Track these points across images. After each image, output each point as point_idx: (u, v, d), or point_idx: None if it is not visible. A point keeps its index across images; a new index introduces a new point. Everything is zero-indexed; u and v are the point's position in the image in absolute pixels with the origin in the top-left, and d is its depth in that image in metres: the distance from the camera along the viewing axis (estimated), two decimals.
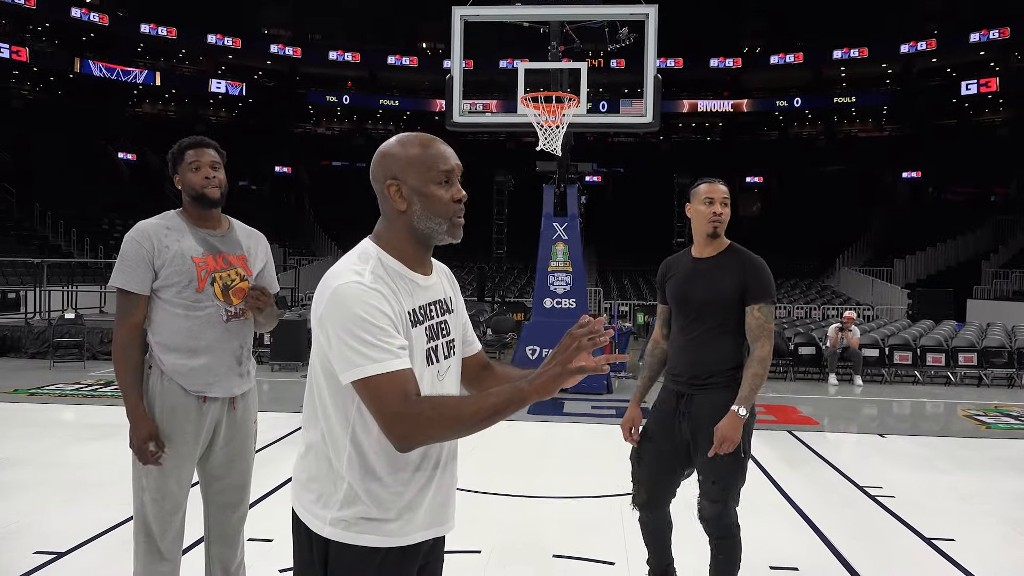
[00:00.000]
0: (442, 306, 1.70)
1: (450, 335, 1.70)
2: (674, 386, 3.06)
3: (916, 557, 4.13)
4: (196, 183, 2.65)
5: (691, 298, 3.02)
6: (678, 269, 3.14)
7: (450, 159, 1.63)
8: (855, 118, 42.69)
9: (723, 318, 2.96)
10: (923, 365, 11.61)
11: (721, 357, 2.97)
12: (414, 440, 1.49)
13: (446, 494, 1.68)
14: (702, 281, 3.00)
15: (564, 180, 11.26)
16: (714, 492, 2.95)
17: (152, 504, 2.59)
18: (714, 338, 2.97)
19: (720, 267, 3.01)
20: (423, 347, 1.61)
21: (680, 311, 3.07)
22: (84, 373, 10.61)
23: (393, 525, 1.57)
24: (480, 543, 4.11)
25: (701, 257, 3.08)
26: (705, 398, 2.95)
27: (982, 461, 6.54)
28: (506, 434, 7.26)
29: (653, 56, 9.96)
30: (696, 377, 2.98)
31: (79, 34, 36.36)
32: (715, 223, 3.03)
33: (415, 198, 1.61)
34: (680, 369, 3.04)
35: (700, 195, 3.08)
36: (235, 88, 41.07)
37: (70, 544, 3.98)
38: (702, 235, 3.07)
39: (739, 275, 2.96)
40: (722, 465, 2.89)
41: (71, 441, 6.68)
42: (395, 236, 1.64)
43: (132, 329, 2.59)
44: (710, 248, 3.08)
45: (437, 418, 1.46)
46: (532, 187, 13.08)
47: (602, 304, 23.41)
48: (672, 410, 3.04)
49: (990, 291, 24.72)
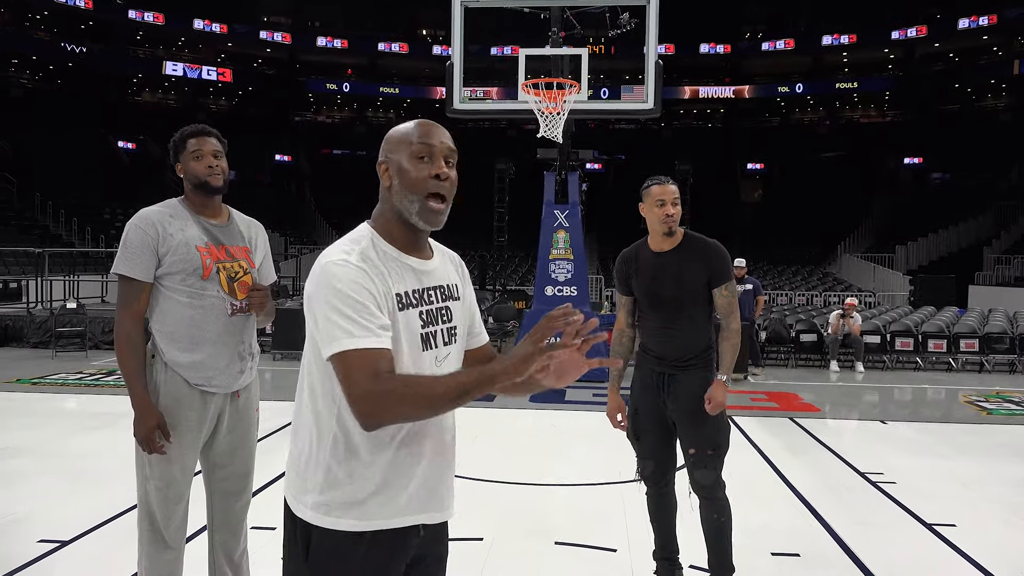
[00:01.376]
0: (444, 292, 1.68)
1: (452, 322, 1.68)
2: (656, 367, 3.26)
3: (918, 543, 4.14)
4: (199, 171, 2.64)
5: (662, 292, 3.21)
6: (640, 264, 3.29)
7: (435, 136, 1.62)
8: (857, 104, 42.49)
9: (694, 305, 3.21)
10: (924, 351, 11.61)
11: (698, 340, 3.23)
12: (380, 418, 1.46)
13: (437, 479, 1.64)
14: (669, 274, 3.19)
15: (565, 167, 11.23)
16: (711, 459, 3.20)
17: (156, 492, 2.59)
18: (691, 324, 3.22)
19: (684, 259, 3.20)
20: (418, 331, 1.59)
21: (652, 304, 3.25)
22: (86, 362, 10.63)
23: (373, 505, 1.55)
24: (482, 530, 4.12)
25: (662, 251, 3.25)
26: (686, 377, 3.20)
27: (983, 447, 6.55)
28: (508, 422, 7.28)
29: (654, 41, 9.90)
30: (679, 360, 3.22)
31: (78, 21, 36.21)
32: (668, 223, 3.19)
33: (396, 174, 1.61)
34: (662, 353, 3.25)
35: (652, 196, 3.22)
36: (234, 76, 40.93)
37: (74, 533, 4.00)
38: (658, 234, 3.25)
39: (703, 263, 3.19)
40: (716, 433, 3.19)
41: (74, 430, 6.70)
42: (385, 217, 1.65)
43: (135, 317, 2.58)
44: (668, 242, 3.25)
45: (408, 396, 1.44)
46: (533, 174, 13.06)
47: (603, 292, 23.40)
48: (653, 391, 3.27)
49: (992, 277, 24.69)
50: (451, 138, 1.66)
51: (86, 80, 36.67)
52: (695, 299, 3.20)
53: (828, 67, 41.62)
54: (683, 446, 3.27)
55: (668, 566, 3.41)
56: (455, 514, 1.71)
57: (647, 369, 3.30)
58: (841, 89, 41.44)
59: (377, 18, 41.61)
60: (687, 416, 3.19)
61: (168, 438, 2.55)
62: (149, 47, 39.39)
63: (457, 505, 1.73)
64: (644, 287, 3.26)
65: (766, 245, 30.81)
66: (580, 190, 11.31)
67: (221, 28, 39.61)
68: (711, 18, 40.05)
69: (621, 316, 3.42)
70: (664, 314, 3.22)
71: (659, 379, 3.25)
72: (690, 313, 3.20)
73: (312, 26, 42.36)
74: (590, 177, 32.95)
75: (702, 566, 3.67)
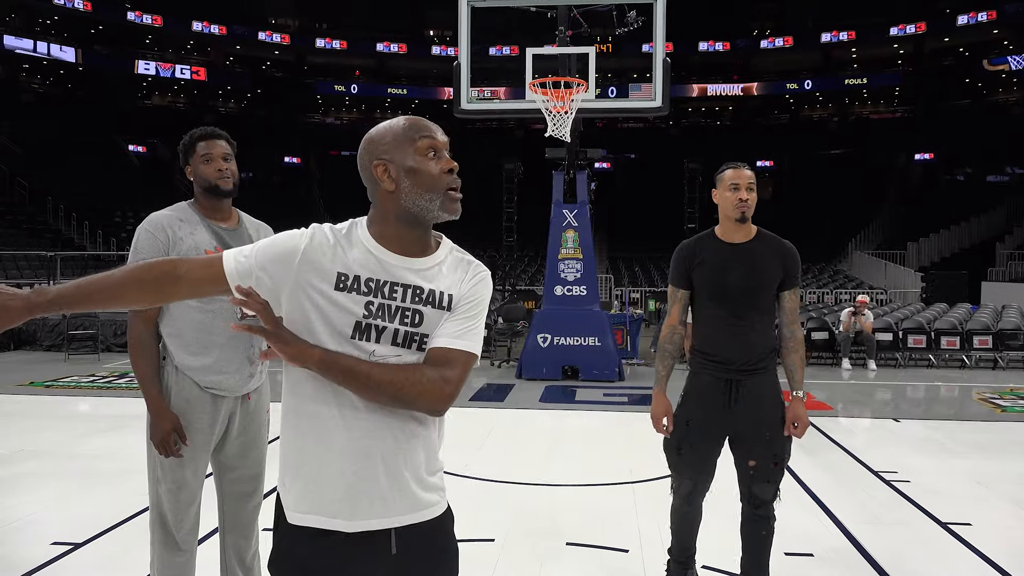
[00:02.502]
0: (420, 295, 1.55)
1: (420, 327, 1.54)
2: (723, 374, 3.00)
3: (932, 542, 4.11)
4: (209, 175, 2.64)
5: (733, 284, 2.97)
6: (707, 254, 3.04)
7: (436, 132, 1.59)
8: (866, 100, 42.29)
9: (765, 302, 3.02)
10: (937, 349, 11.53)
11: (766, 341, 3.03)
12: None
13: (394, 479, 1.52)
14: (742, 266, 2.98)
15: (573, 166, 11.20)
16: (774, 472, 3.02)
17: (168, 495, 2.59)
18: (760, 323, 3.01)
19: (758, 253, 3.00)
20: (351, 318, 1.50)
21: (718, 298, 3.01)
22: (99, 365, 10.68)
23: (327, 503, 1.51)
24: (493, 531, 4.11)
25: (734, 243, 3.03)
26: (755, 383, 2.99)
27: (998, 444, 6.50)
28: (518, 422, 7.27)
29: (662, 39, 9.87)
30: (748, 363, 2.98)
31: (88, 26, 36.46)
32: (742, 208, 2.98)
33: (403, 175, 1.55)
34: (727, 356, 2.99)
35: (725, 181, 3.04)
36: (243, 79, 41.10)
37: (87, 535, 4.02)
38: (730, 220, 3.03)
39: (779, 260, 3.01)
40: (783, 445, 3.02)
41: (87, 433, 6.74)
42: (383, 220, 1.58)
43: (147, 322, 2.58)
44: (740, 233, 3.04)
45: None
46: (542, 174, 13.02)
47: (612, 291, 23.37)
48: (719, 399, 3.00)
49: (1005, 273, 24.49)
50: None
51: (96, 84, 36.91)
52: (766, 296, 3.00)
53: (837, 63, 41.44)
54: (742, 458, 3.04)
55: (681, 569, 3.31)
56: (421, 516, 1.57)
57: (709, 376, 3.03)
58: (850, 85, 41.26)
59: (384, 19, 41.69)
60: (756, 426, 2.98)
61: (185, 441, 2.55)
62: (158, 50, 39.59)
63: (466, 506, 1.70)
64: (711, 278, 3.01)
65: None
66: (589, 189, 11.27)
67: (221, 30, 39.76)
68: (719, 15, 39.95)
69: (675, 311, 3.14)
70: (731, 310, 2.97)
71: (726, 386, 2.99)
72: (760, 310, 3.00)
73: (319, 28, 42.50)
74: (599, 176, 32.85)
75: (713, 566, 3.66)
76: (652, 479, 5.18)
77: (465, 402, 7.94)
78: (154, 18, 37.75)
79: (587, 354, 10.02)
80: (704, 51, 41.36)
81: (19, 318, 1.52)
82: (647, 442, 6.44)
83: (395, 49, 42.39)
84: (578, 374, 9.97)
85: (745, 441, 3.02)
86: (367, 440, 1.51)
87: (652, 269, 29.02)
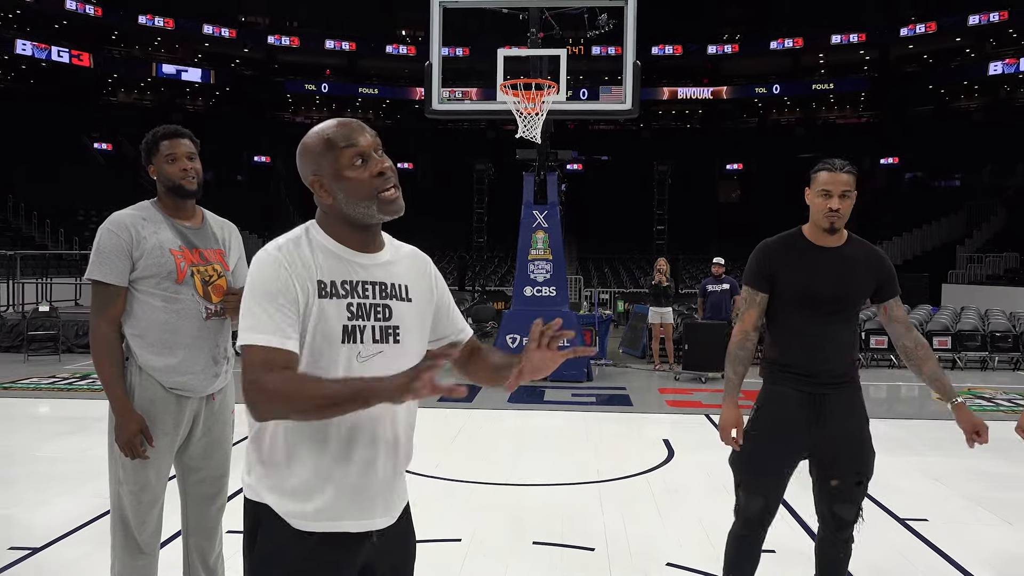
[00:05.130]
0: (385, 289, 1.63)
1: (391, 320, 1.61)
2: (806, 387, 2.77)
3: (891, 538, 4.20)
4: (173, 175, 2.60)
5: (823, 290, 2.73)
6: (793, 257, 2.80)
7: (358, 137, 1.59)
8: (833, 105, 43.00)
9: (853, 312, 2.83)
10: None
11: (851, 352, 2.88)
12: (259, 410, 1.47)
13: (386, 483, 1.62)
14: (834, 271, 2.74)
15: (544, 168, 11.25)
16: (858, 492, 2.84)
17: (130, 497, 2.56)
18: (847, 333, 2.84)
19: (851, 259, 2.77)
20: (339, 323, 1.55)
21: (805, 303, 2.76)
22: (59, 366, 10.49)
23: (316, 505, 1.55)
24: (460, 531, 4.11)
25: (825, 247, 2.78)
26: (841, 396, 2.78)
27: (955, 442, 6.59)
28: (486, 423, 7.28)
29: (632, 43, 9.97)
30: (835, 376, 2.77)
31: (51, 21, 35.76)
32: (831, 219, 2.70)
33: (335, 187, 1.58)
34: (813, 369, 2.76)
35: (818, 184, 2.73)
36: (211, 76, 40.60)
37: (46, 539, 3.95)
38: (818, 227, 2.77)
39: (873, 269, 2.79)
40: (867, 463, 2.82)
41: (47, 435, 6.62)
42: (331, 223, 1.63)
43: (111, 322, 2.55)
44: (831, 238, 2.78)
45: (278, 393, 1.44)
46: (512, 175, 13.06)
47: (582, 292, 23.48)
48: (802, 413, 2.77)
49: (965, 275, 25.07)
50: (368, 126, 1.65)
51: (60, 80, 36.21)
52: (855, 305, 2.80)
53: (805, 68, 42.08)
54: (822, 476, 2.84)
55: None
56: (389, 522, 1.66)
57: (789, 389, 2.80)
58: (817, 90, 41.92)
59: (357, 18, 41.45)
60: (841, 443, 2.77)
61: (151, 442, 2.53)
62: (125, 47, 38.97)
63: (434, 506, 1.73)
64: (799, 282, 2.75)
65: (744, 245, 30.90)
66: (559, 191, 11.32)
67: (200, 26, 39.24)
68: (696, 19, 40.37)
69: (752, 315, 2.87)
70: (818, 317, 2.74)
71: (809, 400, 2.76)
72: (848, 319, 2.81)
73: (291, 26, 42.12)
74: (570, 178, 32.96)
75: (684, 565, 3.70)
76: (618, 478, 5.23)
77: (433, 402, 7.93)
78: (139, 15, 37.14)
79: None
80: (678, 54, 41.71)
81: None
82: (615, 442, 6.50)
83: (367, 49, 42.13)
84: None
85: (827, 459, 2.80)
86: (365, 442, 1.59)
87: (621, 270, 29.23)
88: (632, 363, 11.80)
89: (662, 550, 3.92)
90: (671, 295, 11.24)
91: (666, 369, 10.84)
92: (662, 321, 10.98)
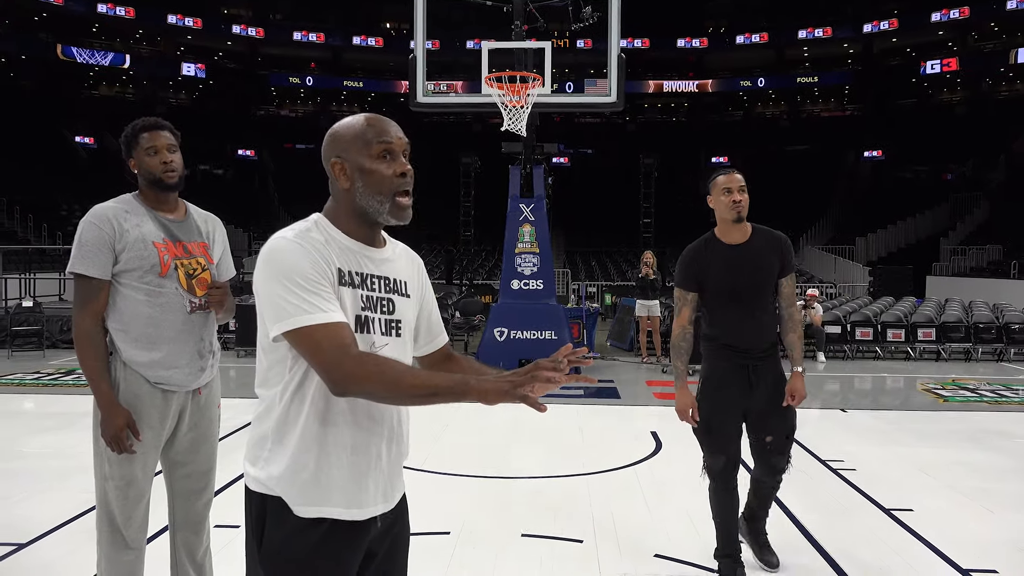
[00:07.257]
0: (389, 284, 1.66)
1: (394, 314, 1.65)
2: (741, 360, 3.31)
3: (877, 528, 4.24)
4: (154, 168, 2.58)
5: (741, 283, 3.27)
6: (713, 258, 3.32)
7: (391, 133, 1.61)
8: (817, 98, 43.19)
9: (771, 294, 3.37)
10: (884, 341, 11.86)
11: (773, 327, 3.41)
12: (349, 388, 1.47)
13: (392, 470, 1.66)
14: (748, 265, 3.29)
15: (530, 161, 11.24)
16: (787, 444, 3.43)
17: (116, 492, 2.54)
18: (769, 313, 3.38)
19: (759, 250, 3.31)
20: (354, 311, 1.58)
21: (732, 296, 3.30)
22: (43, 362, 10.40)
23: (331, 493, 1.56)
24: (449, 524, 4.12)
25: (734, 244, 3.32)
26: (767, 366, 3.34)
27: (940, 433, 6.71)
28: (474, 415, 7.28)
29: (617, 35, 9.95)
30: (762, 349, 3.33)
31: (31, 13, 35.31)
32: (737, 209, 3.27)
33: (357, 175, 1.60)
34: (746, 345, 3.31)
35: (719, 187, 3.32)
36: (196, 70, 40.22)
37: (31, 535, 3.92)
38: (727, 222, 3.31)
39: (776, 253, 3.33)
40: (792, 420, 3.43)
41: (32, 431, 6.56)
42: (341, 213, 1.63)
43: (95, 316, 2.52)
44: (739, 233, 3.33)
45: (377, 375, 1.46)
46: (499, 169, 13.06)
47: (569, 285, 23.49)
48: (741, 382, 3.32)
49: (948, 267, 25.29)
50: (401, 129, 1.66)
51: (42, 73, 35.79)
52: (771, 288, 3.34)
53: (789, 61, 42.22)
54: (758, 435, 3.40)
55: (731, 563, 3.40)
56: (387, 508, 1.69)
57: (729, 363, 3.33)
58: (802, 83, 42.09)
59: (341, 11, 41.20)
60: (772, 404, 3.32)
61: (138, 436, 2.51)
62: (106, 39, 38.54)
63: (423, 499, 1.74)
64: (722, 280, 3.30)
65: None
66: (546, 184, 11.32)
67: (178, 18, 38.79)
68: (681, 12, 40.37)
69: (686, 312, 3.41)
70: (745, 305, 3.28)
71: (743, 370, 3.31)
72: (768, 301, 3.35)
73: (274, 19, 41.81)
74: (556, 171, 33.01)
75: (672, 556, 3.72)
76: (606, 471, 5.25)
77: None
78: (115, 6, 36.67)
79: (544, 348, 10.05)
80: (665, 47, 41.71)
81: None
82: (603, 435, 6.52)
83: (352, 41, 41.87)
84: None
85: (761, 419, 3.36)
86: (372, 430, 1.61)
87: (608, 263, 29.26)
88: (620, 356, 11.84)
89: (650, 541, 3.94)
90: (658, 288, 11.26)
91: (653, 362, 10.87)
92: (649, 314, 11.00)
